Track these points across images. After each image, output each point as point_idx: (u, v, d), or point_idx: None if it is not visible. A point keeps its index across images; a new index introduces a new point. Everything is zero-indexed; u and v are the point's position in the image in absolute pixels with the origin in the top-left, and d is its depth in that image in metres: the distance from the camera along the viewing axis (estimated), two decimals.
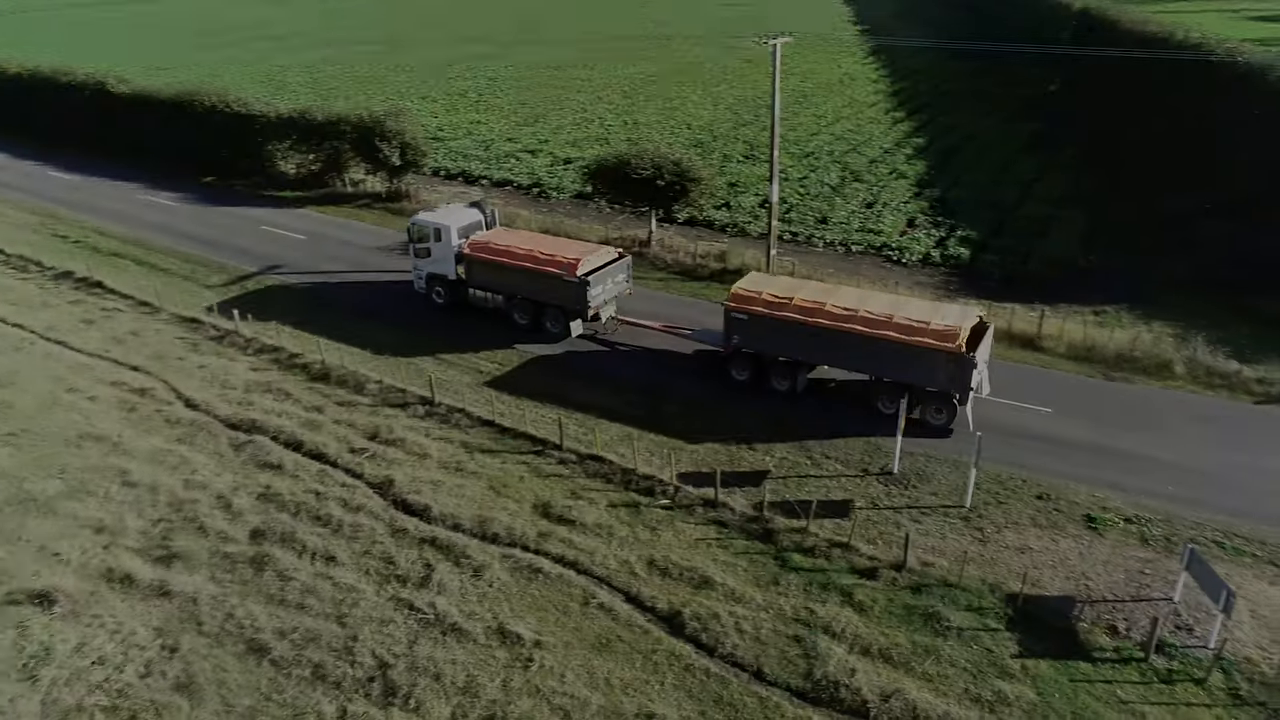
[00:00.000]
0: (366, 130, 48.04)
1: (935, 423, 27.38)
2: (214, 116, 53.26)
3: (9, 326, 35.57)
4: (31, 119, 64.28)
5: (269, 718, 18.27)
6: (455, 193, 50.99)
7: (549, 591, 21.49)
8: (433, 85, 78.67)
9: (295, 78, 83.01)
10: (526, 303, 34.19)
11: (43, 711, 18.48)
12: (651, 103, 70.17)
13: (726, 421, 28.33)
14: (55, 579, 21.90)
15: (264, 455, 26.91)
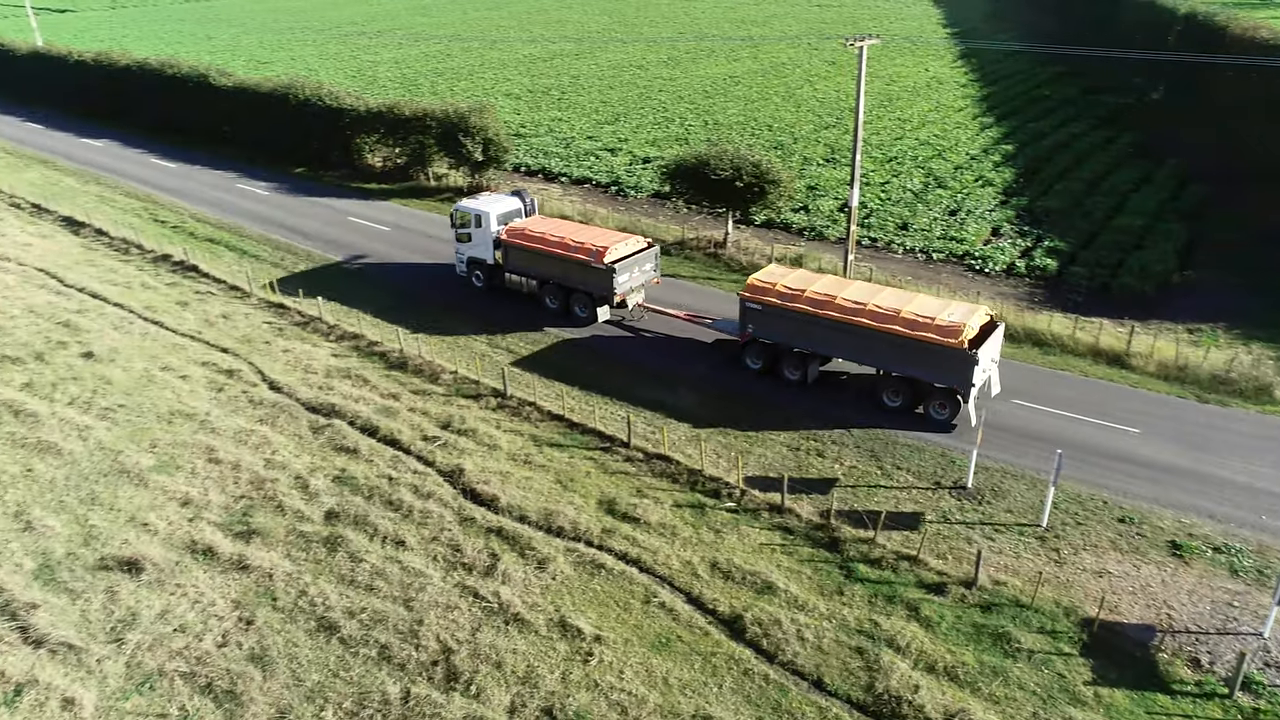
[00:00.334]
0: (451, 125, 48.99)
1: (938, 417, 27.73)
2: (307, 109, 55.07)
3: (111, 306, 37.42)
4: (139, 109, 67.48)
5: (336, 694, 18.82)
6: (536, 189, 51.61)
7: (611, 588, 21.61)
8: (518, 82, 79.81)
9: (386, 72, 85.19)
10: (557, 288, 35.38)
11: (127, 674, 19.39)
12: (733, 103, 69.86)
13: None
14: (143, 548, 22.96)
15: (341, 439, 27.71)
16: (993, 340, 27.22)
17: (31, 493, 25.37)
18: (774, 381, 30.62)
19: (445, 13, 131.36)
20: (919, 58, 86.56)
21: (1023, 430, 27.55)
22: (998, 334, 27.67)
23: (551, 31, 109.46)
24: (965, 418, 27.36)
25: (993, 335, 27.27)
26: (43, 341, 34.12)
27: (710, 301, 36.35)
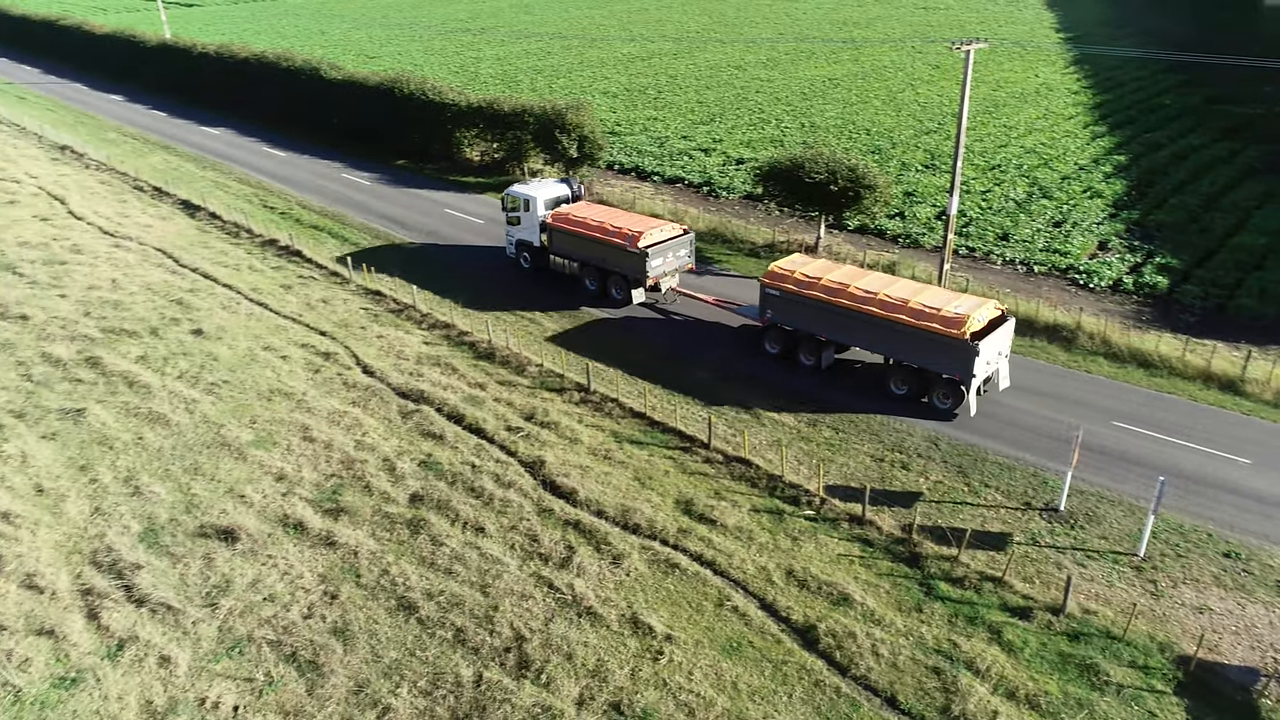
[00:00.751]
0: (548, 121, 49.66)
1: (941, 406, 28.47)
2: (410, 102, 56.66)
3: (220, 286, 39.26)
4: (255, 99, 70.58)
5: (411, 672, 19.31)
6: (628, 187, 51.94)
7: (684, 588, 21.57)
8: (615, 80, 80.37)
9: (488, 69, 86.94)
10: (595, 270, 37.03)
11: (219, 637, 20.32)
12: (831, 106, 68.81)
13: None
14: (240, 518, 24.03)
15: (428, 425, 28.42)
16: (1000, 334, 27.70)
17: (141, 460, 26.83)
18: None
19: (548, 11, 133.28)
20: (1028, 63, 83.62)
21: (1123, 454, 26.34)
22: (1006, 328, 28.12)
23: (651, 31, 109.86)
24: (968, 407, 28.08)
25: (1000, 329, 27.72)
26: (157, 317, 36.04)
27: None
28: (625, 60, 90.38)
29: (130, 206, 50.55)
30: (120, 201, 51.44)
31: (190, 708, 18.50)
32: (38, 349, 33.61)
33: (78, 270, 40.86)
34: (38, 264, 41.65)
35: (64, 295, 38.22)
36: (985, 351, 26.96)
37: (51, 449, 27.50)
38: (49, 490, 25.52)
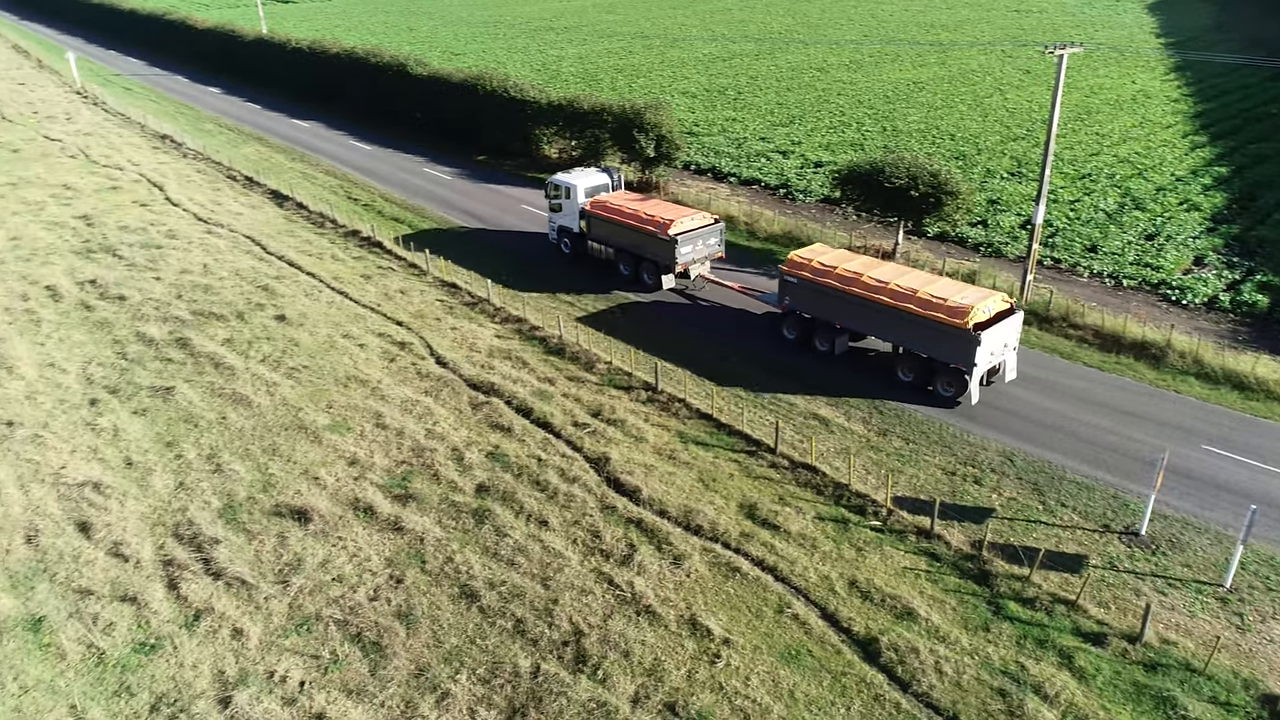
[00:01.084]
0: (626, 120, 49.84)
1: (945, 394, 29.25)
2: (492, 99, 57.54)
3: (304, 274, 40.51)
4: (344, 94, 72.64)
5: (471, 660, 19.61)
6: (704, 188, 51.81)
7: (744, 592, 21.40)
8: (695, 80, 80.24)
9: (569, 67, 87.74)
10: (629, 256, 38.56)
11: (289, 614, 20.96)
12: (915, 110, 67.43)
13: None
14: (312, 500, 24.75)
15: (497, 417, 28.82)
16: (1006, 326, 28.27)
17: (223, 438, 27.86)
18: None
19: (631, 10, 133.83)
20: (1125, 69, 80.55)
21: (1211, 479, 25.16)
22: (1013, 321, 28.64)
23: (733, 31, 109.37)
24: (968, 396, 28.81)
25: (1006, 321, 28.26)
26: (244, 302, 37.37)
27: None
28: (706, 60, 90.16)
29: (223, 195, 52.55)
30: (214, 190, 53.53)
31: (259, 680, 19.12)
32: (133, 328, 35.20)
33: (172, 254, 42.65)
34: (136, 247, 43.63)
35: (159, 278, 39.94)
36: (988, 342, 27.62)
37: (141, 424, 28.76)
38: (137, 464, 26.70)
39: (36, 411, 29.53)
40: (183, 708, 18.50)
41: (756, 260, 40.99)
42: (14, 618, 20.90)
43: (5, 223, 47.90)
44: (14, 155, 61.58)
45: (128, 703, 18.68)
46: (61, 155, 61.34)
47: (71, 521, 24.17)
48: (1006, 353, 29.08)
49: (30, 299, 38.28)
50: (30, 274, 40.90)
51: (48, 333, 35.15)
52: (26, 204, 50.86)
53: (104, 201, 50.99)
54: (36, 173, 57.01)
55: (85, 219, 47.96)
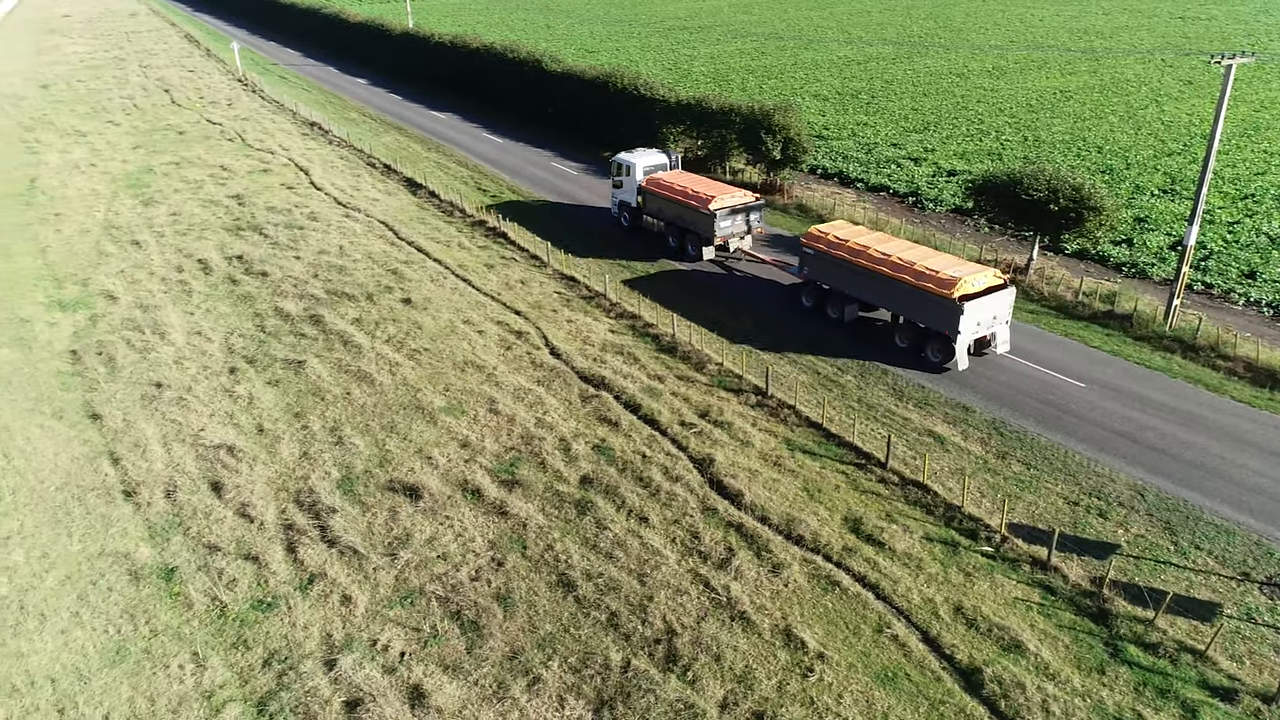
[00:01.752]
0: (754, 121, 49.41)
1: (934, 360, 31.57)
2: (622, 96, 58.10)
3: (431, 261, 41.98)
4: (481, 87, 74.88)
5: (563, 648, 19.86)
6: (829, 193, 50.84)
7: (843, 608, 20.87)
8: (828, 83, 78.84)
9: (700, 67, 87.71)
10: (676, 228, 41.88)
11: (395, 586, 21.76)
12: (1060, 120, 64.18)
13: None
14: (424, 478, 25.61)
15: (606, 411, 29.08)
16: (995, 299, 30.44)
17: (346, 413, 29.18)
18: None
19: (766, 11, 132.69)
20: None
21: None
22: (1004, 295, 30.68)
23: (871, 34, 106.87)
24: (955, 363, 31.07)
25: (996, 295, 30.40)
26: (374, 284, 39.04)
27: None
28: (840, 63, 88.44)
29: (362, 181, 55.06)
30: (354, 176, 56.15)
31: (363, 646, 19.93)
32: (272, 303, 37.32)
33: (312, 235, 44.98)
34: (280, 227, 46.23)
35: (298, 257, 42.20)
36: (973, 312, 29.92)
37: (274, 394, 30.45)
38: (268, 431, 28.29)
39: (182, 376, 31.71)
40: (292, 665, 19.47)
41: None
42: (150, 566, 22.50)
43: (168, 199, 51.65)
44: (180, 137, 66.34)
45: (243, 655, 19.81)
46: (220, 138, 65.67)
47: (206, 480, 25.83)
48: (997, 325, 31.19)
49: (184, 271, 41.14)
50: (186, 247, 43.95)
51: (197, 303, 37.70)
52: (187, 182, 54.70)
53: (255, 183, 54.28)
54: (198, 154, 61.24)
55: (237, 198, 51.18)
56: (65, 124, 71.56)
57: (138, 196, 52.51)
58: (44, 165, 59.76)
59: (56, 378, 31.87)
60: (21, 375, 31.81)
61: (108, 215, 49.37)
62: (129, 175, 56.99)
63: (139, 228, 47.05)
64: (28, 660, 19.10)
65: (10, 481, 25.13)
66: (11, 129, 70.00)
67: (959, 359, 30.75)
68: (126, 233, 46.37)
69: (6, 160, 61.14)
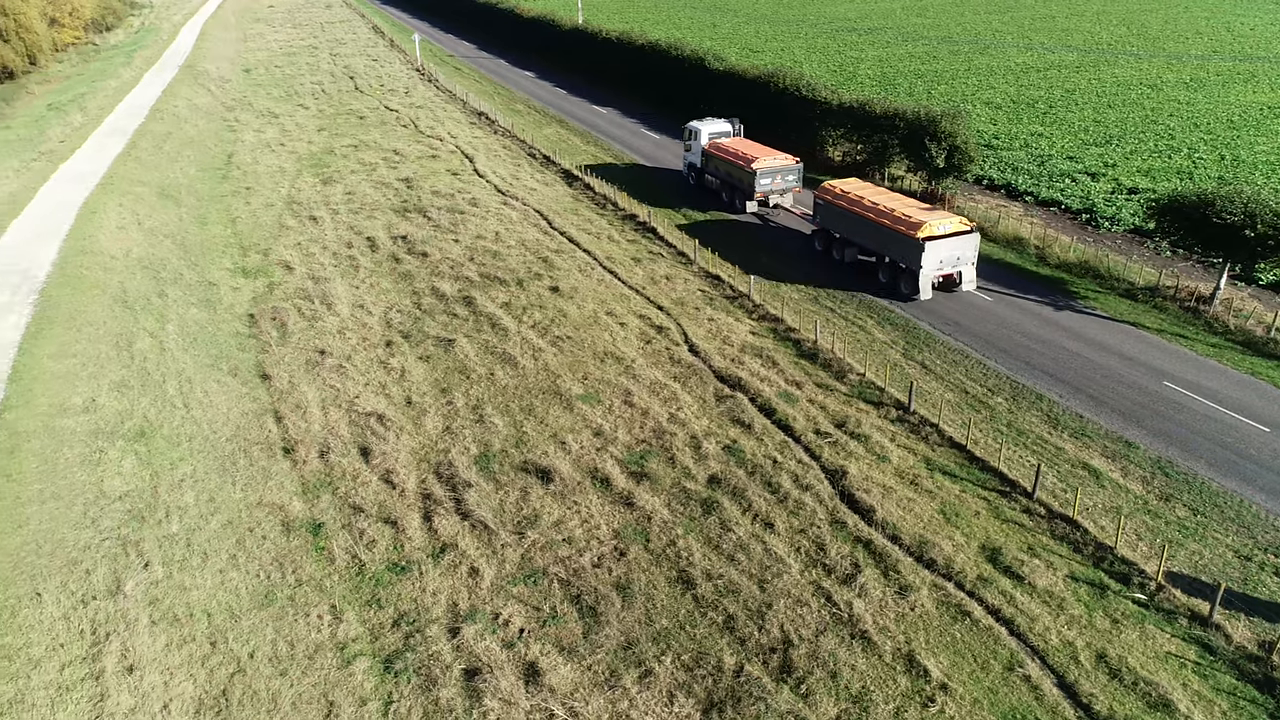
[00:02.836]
0: (919, 127, 47.65)
1: (905, 291, 36.96)
2: (783, 97, 57.34)
3: (581, 251, 42.86)
4: (643, 84, 75.74)
5: (677, 645, 19.84)
6: (994, 205, 48.45)
7: (972, 639, 19.85)
8: (1002, 90, 75.10)
9: (867, 70, 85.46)
10: (726, 185, 48.58)
11: (520, 563, 22.37)
12: (1265, 139, 58.56)
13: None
14: (556, 462, 26.19)
15: (739, 412, 28.83)
16: (958, 242, 35.68)
17: (489, 393, 30.22)
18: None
19: (941, 14, 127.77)
20: None
21: None
22: (968, 239, 35.91)
23: (1054, 40, 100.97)
24: (919, 292, 36.33)
25: (959, 238, 35.61)
26: (525, 271, 40.24)
27: (1173, 361, 31.33)
28: (1018, 70, 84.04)
29: (522, 170, 56.85)
30: (515, 165, 58.05)
31: (485, 618, 20.59)
32: (429, 283, 39.12)
33: (471, 220, 46.83)
34: (443, 211, 48.38)
35: (457, 240, 44.04)
36: (935, 251, 35.26)
37: (424, 369, 31.92)
38: (415, 404, 29.68)
39: (344, 345, 33.73)
40: (419, 628, 20.36)
41: (1042, 289, 37.68)
42: (301, 519, 24.06)
43: (345, 179, 55.06)
44: (360, 121, 70.58)
45: (375, 613, 20.88)
46: (396, 124, 69.39)
47: (356, 445, 27.38)
48: (961, 265, 36.39)
49: (353, 247, 43.74)
50: (356, 225, 46.72)
51: (362, 278, 40.00)
52: (363, 164, 58.13)
53: (423, 168, 57.04)
54: (374, 138, 64.97)
55: (406, 182, 53.94)
56: (261, 105, 77.56)
57: (318, 175, 56.26)
58: (240, 143, 65.01)
59: (235, 338, 34.60)
60: (206, 334, 34.72)
61: (291, 191, 53.15)
62: (312, 155, 61.14)
63: (317, 204, 50.39)
64: (189, 594, 20.83)
65: (188, 430, 27.48)
66: (216, 109, 76.50)
67: (922, 290, 36.25)
68: (306, 209, 49.77)
69: (210, 137, 66.89)
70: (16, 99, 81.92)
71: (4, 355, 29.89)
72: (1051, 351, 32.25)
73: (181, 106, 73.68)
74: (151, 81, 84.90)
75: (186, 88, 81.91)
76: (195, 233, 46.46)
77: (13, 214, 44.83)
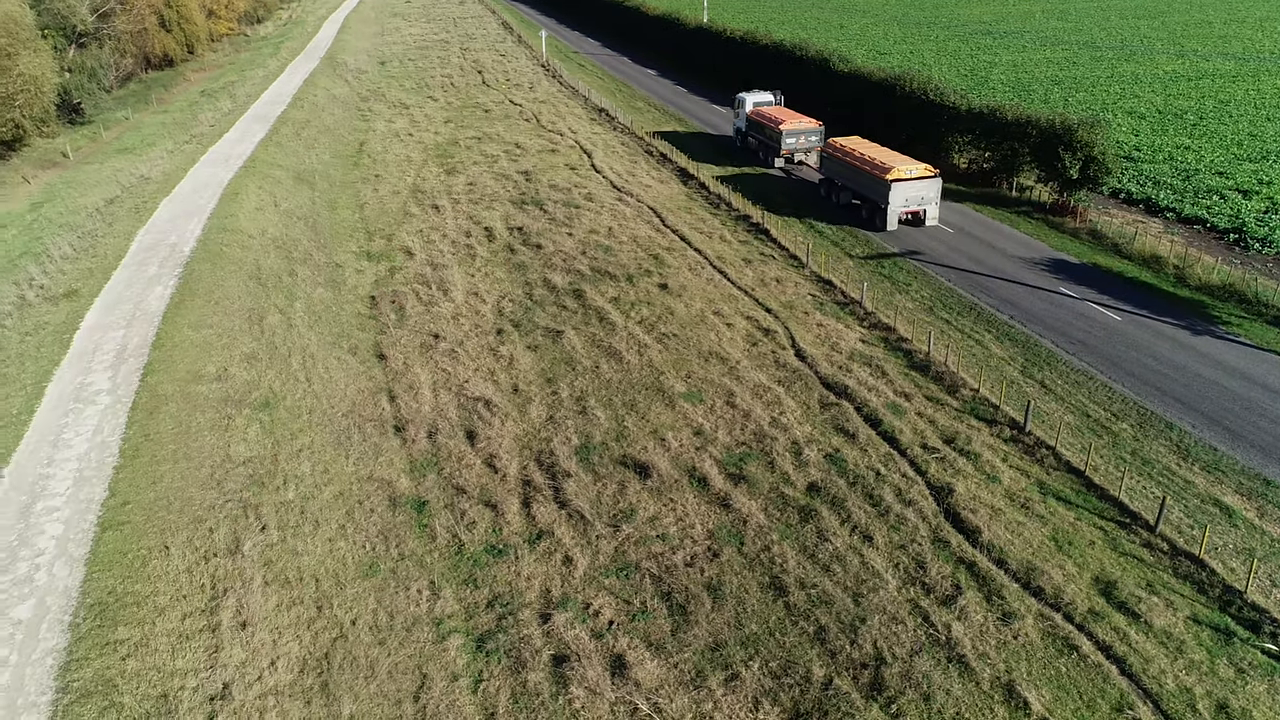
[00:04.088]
0: (1053, 135, 45.55)
1: (877, 225, 44.90)
2: (909, 101, 55.77)
3: (692, 250, 42.84)
4: (765, 83, 75.00)
5: (766, 651, 19.59)
6: (1130, 220, 45.87)
7: (1078, 676, 18.86)
8: (1147, 100, 70.98)
9: (1000, 74, 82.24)
10: (761, 144, 57.73)
11: (613, 556, 22.55)
12: None
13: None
14: (655, 458, 26.27)
15: (844, 420, 28.25)
16: (922, 185, 43.53)
17: (593, 385, 30.57)
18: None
19: (1084, 17, 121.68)
20: None
21: None
22: (931, 182, 43.75)
23: (1209, 47, 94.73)
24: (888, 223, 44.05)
25: (923, 181, 43.49)
26: (635, 267, 40.51)
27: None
28: (1166, 78, 79.24)
29: (638, 168, 57.25)
30: (631, 162, 58.51)
31: (576, 607, 20.85)
32: (542, 274, 39.87)
33: (585, 215, 47.47)
34: (559, 204, 49.21)
35: (571, 234, 44.71)
36: (901, 190, 43.28)
37: (531, 358, 32.56)
38: (522, 392, 30.31)
39: (457, 331, 34.75)
40: (512, 611, 20.79)
41: (1179, 311, 35.41)
42: (407, 496, 24.94)
43: (467, 170, 56.72)
44: (485, 115, 72.55)
45: (471, 593, 21.44)
46: (519, 118, 71.01)
47: (463, 428, 28.17)
48: (926, 204, 44.16)
49: (471, 236, 45.01)
50: (476, 215, 48.05)
51: (479, 266, 41.11)
52: (485, 156, 59.73)
53: (542, 162, 58.16)
54: (498, 131, 66.66)
55: (525, 175, 55.13)
56: (394, 97, 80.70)
57: (443, 165, 58.14)
58: (372, 132, 67.82)
59: (356, 319, 36.14)
60: (330, 313, 36.39)
61: (416, 180, 55.11)
62: (438, 146, 63.23)
63: (440, 194, 52.08)
64: (300, 559, 21.89)
65: (308, 403, 28.87)
66: (352, 99, 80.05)
67: (889, 222, 44.19)
68: (429, 197, 51.51)
69: (345, 126, 70.05)
70: (174, 85, 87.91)
71: (150, 323, 32.10)
72: (1185, 378, 30.31)
73: (320, 96, 77.39)
74: (295, 72, 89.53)
75: (326, 78, 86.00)
76: (326, 216, 48.75)
77: (165, 192, 48.09)
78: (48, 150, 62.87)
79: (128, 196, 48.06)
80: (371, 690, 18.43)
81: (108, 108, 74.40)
